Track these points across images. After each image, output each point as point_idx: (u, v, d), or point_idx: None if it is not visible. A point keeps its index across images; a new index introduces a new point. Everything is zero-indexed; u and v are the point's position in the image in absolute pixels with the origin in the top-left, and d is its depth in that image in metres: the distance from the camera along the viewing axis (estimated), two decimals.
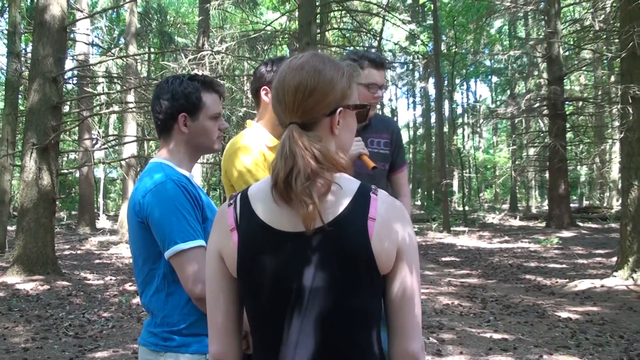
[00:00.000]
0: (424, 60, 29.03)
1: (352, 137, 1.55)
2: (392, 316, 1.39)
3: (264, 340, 1.43)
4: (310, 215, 1.31)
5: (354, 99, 1.50)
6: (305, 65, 1.44)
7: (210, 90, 2.19)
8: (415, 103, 48.62)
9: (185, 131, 2.15)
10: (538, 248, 15.74)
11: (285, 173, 1.34)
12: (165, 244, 1.94)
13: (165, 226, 1.94)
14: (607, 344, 5.90)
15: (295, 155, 1.35)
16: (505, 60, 30.41)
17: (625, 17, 9.42)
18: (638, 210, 8.98)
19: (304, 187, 1.31)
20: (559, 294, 8.89)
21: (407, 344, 1.37)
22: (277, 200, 1.37)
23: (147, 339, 2.05)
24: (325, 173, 1.35)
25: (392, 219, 1.37)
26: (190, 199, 2.01)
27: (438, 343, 6.03)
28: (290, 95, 1.42)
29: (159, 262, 2.01)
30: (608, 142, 25.25)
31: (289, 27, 21.01)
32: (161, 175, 2.03)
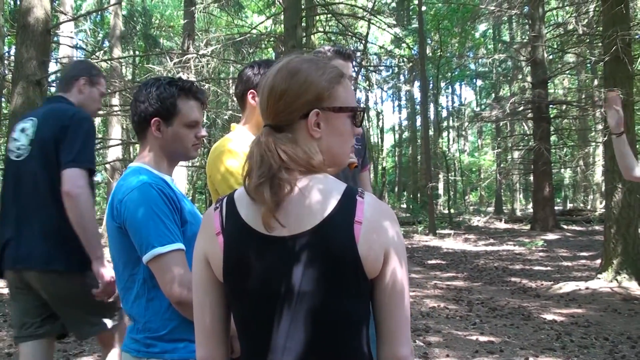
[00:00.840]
0: (409, 63, 29.14)
1: (344, 141, 1.50)
2: (380, 320, 1.38)
3: (250, 344, 1.42)
4: (265, 215, 1.31)
5: (339, 101, 1.46)
6: (283, 68, 1.44)
7: (189, 96, 2.17)
8: (401, 106, 48.77)
9: (158, 136, 2.14)
10: (523, 250, 15.83)
11: (247, 172, 1.37)
12: (143, 248, 1.92)
13: (143, 230, 1.92)
14: (592, 345, 5.94)
15: (253, 155, 1.37)
16: (490, 64, 30.66)
17: (608, 21, 9.50)
18: (622, 213, 9.06)
19: (257, 185, 1.32)
20: (544, 297, 8.93)
21: (396, 348, 1.36)
22: (249, 201, 1.38)
23: (129, 345, 2.03)
24: (284, 174, 1.34)
25: (379, 221, 1.36)
26: (168, 201, 1.99)
27: (425, 346, 6.04)
28: (264, 98, 1.43)
29: (139, 267, 1.99)
30: (592, 145, 25.47)
31: (274, 30, 21.02)
32: (138, 179, 2.02)
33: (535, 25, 20.16)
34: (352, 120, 1.50)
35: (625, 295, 8.43)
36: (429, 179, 22.44)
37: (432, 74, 32.40)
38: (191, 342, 1.96)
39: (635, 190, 9.23)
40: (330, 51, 3.07)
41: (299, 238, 1.33)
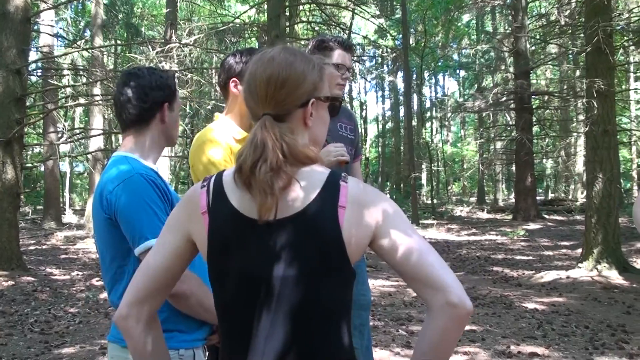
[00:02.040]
0: (392, 54, 29.15)
1: (325, 129, 1.55)
2: (414, 277, 1.33)
3: (232, 329, 1.42)
4: (266, 205, 1.30)
5: (325, 91, 1.51)
6: (277, 58, 1.44)
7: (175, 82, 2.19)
8: (384, 97, 48.77)
9: (166, 121, 2.12)
10: (505, 240, 15.95)
11: (252, 161, 1.34)
12: (135, 240, 1.89)
13: (135, 222, 1.89)
14: (573, 334, 6.01)
15: (265, 144, 1.35)
16: (473, 55, 30.70)
17: (590, 12, 9.56)
18: (602, 203, 9.15)
19: (266, 176, 1.31)
20: (525, 286, 9.01)
21: (445, 295, 1.29)
22: (239, 185, 1.37)
23: (117, 335, 2.01)
24: (288, 167, 1.34)
25: (364, 205, 1.36)
26: (160, 192, 1.96)
27: (407, 335, 6.07)
28: (262, 87, 1.42)
29: (129, 259, 1.96)
30: (573, 135, 25.67)
31: (257, 19, 20.91)
32: (128, 169, 1.98)
33: (518, 16, 20.23)
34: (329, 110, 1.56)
35: (605, 284, 8.53)
36: (412, 170, 22.50)
37: (415, 64, 32.38)
38: (180, 333, 1.95)
39: (616, 180, 9.33)
40: (333, 40, 3.18)
41: (283, 223, 1.34)
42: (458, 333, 1.31)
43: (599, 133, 9.26)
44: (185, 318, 1.96)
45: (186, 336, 1.97)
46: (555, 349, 5.48)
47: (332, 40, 3.18)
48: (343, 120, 3.26)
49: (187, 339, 1.97)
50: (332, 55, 3.11)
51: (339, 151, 2.70)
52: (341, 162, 2.71)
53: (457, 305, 1.27)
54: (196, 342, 2.01)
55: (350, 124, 3.35)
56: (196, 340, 2.01)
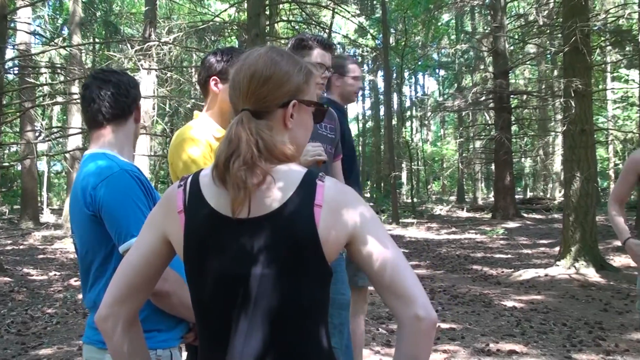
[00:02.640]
0: (373, 53, 29.19)
1: (307, 135, 1.55)
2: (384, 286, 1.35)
3: (210, 329, 1.41)
4: (239, 200, 1.30)
5: (310, 95, 1.51)
6: (263, 56, 1.45)
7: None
8: (364, 96, 48.78)
9: (139, 118, 2.17)
10: (484, 239, 16.06)
11: (226, 155, 1.34)
12: (121, 237, 1.87)
13: (122, 219, 1.88)
14: (551, 331, 6.06)
15: (240, 139, 1.35)
16: (453, 54, 30.89)
17: (568, 12, 9.66)
18: (580, 201, 9.25)
19: (240, 170, 1.31)
20: (504, 284, 9.08)
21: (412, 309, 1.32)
22: (216, 182, 1.36)
23: (93, 336, 1.99)
24: (263, 163, 1.34)
25: (340, 204, 1.37)
26: (144, 189, 1.96)
27: (387, 334, 6.09)
28: (245, 82, 1.43)
29: (111, 257, 1.94)
30: (551, 134, 25.90)
31: (237, 18, 20.81)
32: (111, 165, 1.97)
33: (497, 16, 20.37)
34: (314, 116, 1.56)
35: (582, 281, 8.62)
36: (392, 169, 22.55)
37: (395, 63, 32.44)
38: (159, 332, 1.94)
39: (593, 179, 9.44)
40: (313, 39, 3.18)
41: (260, 222, 1.34)
42: (429, 343, 1.35)
43: (577, 132, 9.36)
44: (165, 317, 1.95)
45: (164, 335, 1.96)
46: (534, 346, 5.53)
47: (312, 39, 3.18)
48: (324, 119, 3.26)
49: (164, 338, 1.96)
50: (312, 54, 3.11)
51: (316, 150, 2.69)
52: (319, 161, 2.71)
53: (424, 319, 1.31)
54: (173, 342, 2.00)
55: (331, 123, 3.34)
56: (173, 339, 2.00)
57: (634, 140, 20.51)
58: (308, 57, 3.07)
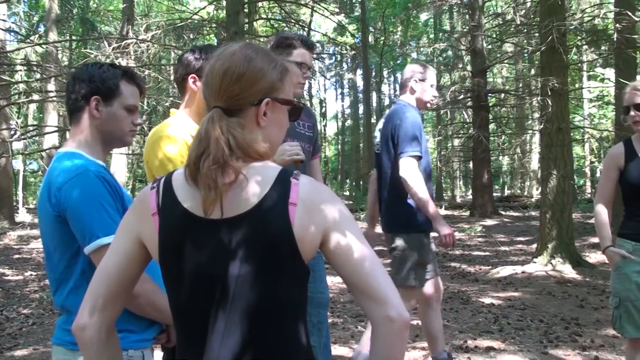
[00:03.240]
0: (352, 51, 29.23)
1: (281, 133, 1.54)
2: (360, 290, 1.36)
3: (188, 330, 1.40)
4: (210, 200, 1.30)
5: (285, 94, 1.49)
6: (237, 53, 1.44)
7: (131, 81, 2.12)
8: (344, 94, 48.90)
9: (97, 115, 2.06)
10: (462, 236, 16.14)
11: (197, 154, 1.34)
12: (86, 238, 1.85)
13: (86, 220, 1.85)
14: (528, 327, 6.12)
15: (210, 137, 1.34)
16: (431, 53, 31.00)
17: (545, 11, 9.74)
18: (556, 199, 9.34)
19: (210, 170, 1.30)
20: (482, 281, 9.14)
21: (385, 309, 1.33)
22: (189, 181, 1.36)
23: (63, 337, 1.96)
24: (234, 161, 1.33)
25: (315, 202, 1.36)
26: (110, 189, 1.93)
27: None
28: (218, 79, 1.41)
29: (77, 258, 1.92)
30: (528, 133, 26.13)
31: (216, 16, 20.71)
32: (77, 165, 1.93)
33: (475, 15, 20.48)
34: (289, 114, 1.54)
35: (559, 278, 8.71)
36: (371, 167, 22.60)
37: (374, 62, 32.57)
38: (130, 333, 1.92)
39: (570, 176, 9.54)
40: (296, 38, 3.18)
41: (234, 221, 1.33)
42: (403, 343, 1.36)
43: (553, 130, 9.44)
44: (136, 318, 1.93)
45: (135, 336, 1.94)
46: (511, 342, 5.58)
47: (295, 37, 3.18)
48: (302, 117, 3.25)
49: (136, 339, 1.94)
50: (294, 53, 3.11)
51: (294, 150, 2.69)
52: (296, 161, 2.71)
53: (396, 320, 1.32)
54: (145, 343, 1.98)
55: (309, 121, 3.35)
56: (145, 340, 1.98)
57: (609, 139, 20.75)
58: (290, 56, 3.06)
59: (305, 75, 3.13)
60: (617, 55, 11.83)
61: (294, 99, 1.57)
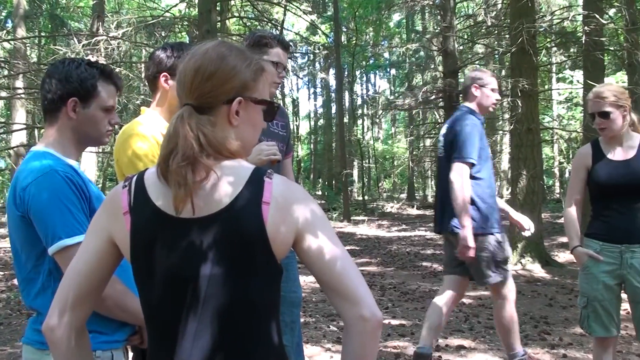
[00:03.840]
0: (324, 51, 29.24)
1: (256, 133, 1.52)
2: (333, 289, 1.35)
3: (159, 330, 1.39)
4: (179, 197, 1.29)
5: (259, 93, 1.48)
6: (211, 50, 1.43)
7: (108, 81, 2.07)
8: (316, 94, 48.85)
9: (73, 117, 2.02)
10: (434, 236, 16.24)
11: (166, 152, 1.33)
12: (49, 239, 1.82)
13: (49, 220, 1.83)
14: None
15: (178, 135, 1.33)
16: (403, 53, 31.15)
17: (515, 13, 9.87)
18: (526, 199, 9.46)
19: (179, 167, 1.29)
20: None
21: (358, 309, 1.33)
22: (161, 179, 1.35)
23: (32, 337, 1.94)
24: (205, 159, 1.32)
25: (288, 201, 1.36)
26: (76, 190, 1.89)
27: (338, 331, 6.11)
28: (190, 77, 1.40)
29: (44, 259, 1.89)
30: (499, 133, 26.39)
31: (188, 14, 20.57)
32: (43, 166, 1.90)
33: (446, 16, 20.58)
34: (264, 115, 1.52)
35: (528, 277, 8.83)
36: (343, 166, 22.66)
37: (347, 62, 32.61)
38: (99, 334, 1.89)
39: (539, 177, 9.66)
40: (273, 38, 3.17)
41: (207, 221, 1.32)
42: (375, 343, 1.36)
43: (523, 131, 9.57)
44: (105, 318, 1.90)
45: (105, 337, 1.92)
46: (482, 341, 5.63)
47: (271, 37, 3.17)
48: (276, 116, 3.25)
49: (106, 340, 1.92)
50: (271, 52, 3.09)
51: (271, 150, 2.69)
52: (273, 161, 2.70)
53: (369, 319, 1.32)
54: (115, 344, 1.95)
55: (283, 121, 3.34)
56: (115, 341, 1.95)
57: (578, 140, 21.05)
58: (266, 55, 3.04)
59: (280, 75, 3.12)
60: (586, 58, 12.00)
61: (270, 99, 1.56)
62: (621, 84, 19.19)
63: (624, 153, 3.48)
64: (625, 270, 3.39)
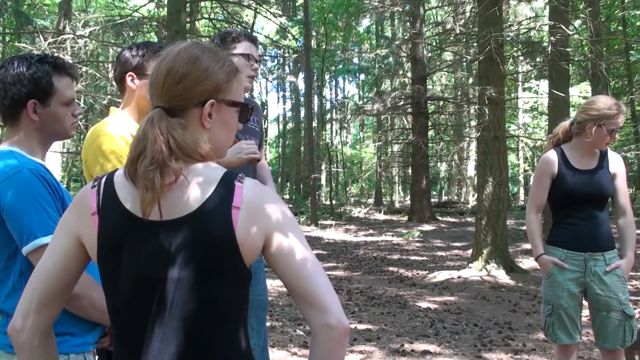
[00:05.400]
0: (294, 54, 29.28)
1: (230, 135, 1.50)
2: (300, 294, 1.34)
3: (125, 333, 1.37)
4: (147, 201, 1.27)
5: (233, 95, 1.46)
6: (183, 52, 1.40)
7: (62, 73, 2.01)
8: (285, 97, 48.87)
9: (36, 119, 1.96)
10: (401, 241, 16.36)
11: (134, 155, 1.31)
12: (23, 238, 1.78)
13: (24, 219, 1.78)
14: (463, 331, 6.23)
15: (147, 138, 1.31)
16: (373, 59, 31.35)
17: (483, 22, 9.98)
18: (492, 205, 9.56)
19: (147, 171, 1.28)
20: (419, 285, 9.27)
21: (324, 316, 1.32)
22: (129, 182, 1.33)
23: (1, 340, 1.89)
24: (174, 162, 1.30)
25: (258, 206, 1.35)
26: (49, 188, 1.86)
27: (305, 335, 6.10)
28: (161, 79, 1.38)
29: (15, 259, 1.85)
30: (466, 140, 26.72)
31: (157, 14, 20.42)
32: (15, 164, 1.86)
33: (416, 23, 20.83)
34: (238, 116, 1.50)
35: (493, 283, 8.92)
36: (311, 170, 22.68)
37: (316, 66, 32.70)
38: (72, 337, 1.87)
39: (505, 184, 9.78)
40: (238, 33, 3.15)
41: (176, 224, 1.31)
42: (342, 350, 1.35)
43: (490, 138, 9.67)
44: (78, 320, 1.87)
45: (77, 340, 1.89)
46: (447, 346, 5.67)
47: (238, 32, 3.15)
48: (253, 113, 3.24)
49: (78, 342, 1.89)
50: (239, 46, 3.07)
51: (251, 149, 2.67)
52: (252, 160, 2.68)
53: (336, 327, 1.31)
54: (87, 347, 1.93)
55: (257, 116, 3.33)
56: (87, 344, 1.93)
57: (542, 148, 21.40)
58: (235, 49, 3.03)
59: (253, 67, 3.09)
60: (551, 67, 12.23)
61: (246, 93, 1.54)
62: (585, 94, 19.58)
63: (587, 162, 3.53)
64: (589, 278, 3.44)
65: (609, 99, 3.51)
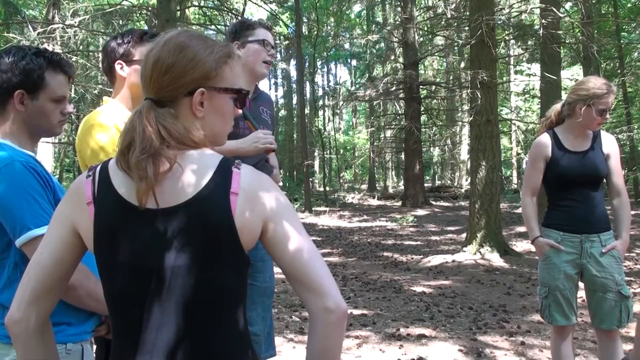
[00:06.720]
0: (285, 41, 29.14)
1: (226, 122, 1.48)
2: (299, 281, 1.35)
3: (123, 322, 1.37)
4: (142, 190, 1.27)
5: (225, 82, 1.44)
6: (170, 42, 1.39)
7: (57, 70, 1.99)
8: (277, 84, 48.73)
9: (22, 110, 1.95)
10: (395, 226, 16.40)
11: (124, 145, 1.31)
12: (16, 230, 1.77)
13: (16, 211, 1.78)
14: (458, 315, 6.27)
15: (135, 130, 1.31)
16: (364, 45, 31.26)
17: (474, 6, 9.96)
18: (485, 190, 9.59)
19: (138, 160, 1.28)
20: (414, 270, 9.31)
21: (323, 300, 1.33)
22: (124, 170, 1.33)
23: None
24: (166, 150, 1.30)
25: (256, 191, 1.35)
26: (41, 180, 1.85)
27: (300, 321, 6.12)
28: (148, 70, 1.38)
29: (9, 252, 1.84)
30: (458, 124, 26.76)
31: (147, 2, 20.27)
32: (5, 157, 1.84)
33: (407, 8, 20.76)
34: (235, 102, 1.48)
35: (487, 266, 8.97)
36: (304, 157, 22.65)
37: (308, 52, 32.57)
38: (69, 326, 1.87)
39: (498, 167, 9.80)
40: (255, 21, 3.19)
41: (173, 211, 1.31)
42: (341, 334, 1.36)
43: (482, 122, 9.69)
44: (75, 310, 1.87)
45: (74, 329, 1.89)
46: (442, 330, 5.70)
47: (253, 20, 3.20)
48: (265, 104, 3.24)
49: (75, 332, 1.89)
50: (255, 33, 3.08)
51: (267, 139, 2.68)
52: (268, 150, 2.68)
53: (334, 311, 1.33)
54: (84, 335, 1.93)
55: (270, 110, 3.33)
56: (84, 332, 1.93)
57: (534, 131, 21.44)
58: (251, 36, 3.05)
59: (270, 52, 3.09)
60: (543, 50, 12.22)
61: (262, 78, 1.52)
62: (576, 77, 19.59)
63: (580, 144, 3.54)
64: (585, 260, 3.46)
65: (599, 79, 3.50)
